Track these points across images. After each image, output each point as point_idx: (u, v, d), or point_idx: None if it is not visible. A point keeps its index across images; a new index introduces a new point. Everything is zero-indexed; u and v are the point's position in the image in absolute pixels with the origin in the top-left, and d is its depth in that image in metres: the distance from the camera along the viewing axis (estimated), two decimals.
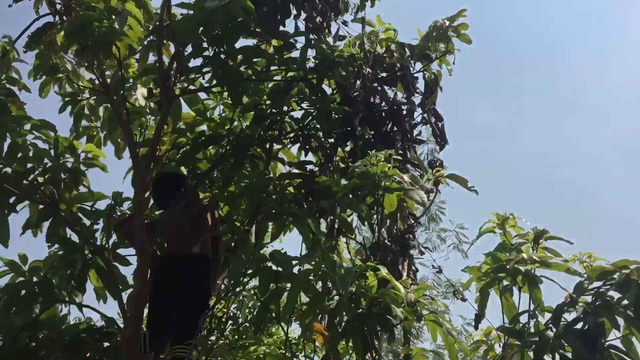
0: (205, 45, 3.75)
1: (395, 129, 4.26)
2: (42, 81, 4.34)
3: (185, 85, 4.13)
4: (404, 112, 4.33)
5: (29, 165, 3.93)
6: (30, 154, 3.90)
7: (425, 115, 4.39)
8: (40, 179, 3.87)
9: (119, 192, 4.15)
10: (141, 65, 4.19)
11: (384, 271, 2.95)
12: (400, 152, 4.07)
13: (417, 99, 4.43)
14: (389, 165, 3.25)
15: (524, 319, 3.26)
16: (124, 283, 4.03)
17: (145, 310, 3.73)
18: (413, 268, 3.84)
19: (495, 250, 3.50)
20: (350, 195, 3.36)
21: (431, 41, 4.37)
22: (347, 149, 4.41)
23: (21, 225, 4.04)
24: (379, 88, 4.41)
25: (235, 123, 4.35)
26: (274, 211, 3.41)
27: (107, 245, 4.04)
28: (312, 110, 4.20)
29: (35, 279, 3.91)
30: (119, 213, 4.11)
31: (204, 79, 4.07)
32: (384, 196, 3.30)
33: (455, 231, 10.20)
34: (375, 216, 3.52)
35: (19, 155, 3.82)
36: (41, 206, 4.01)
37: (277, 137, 4.30)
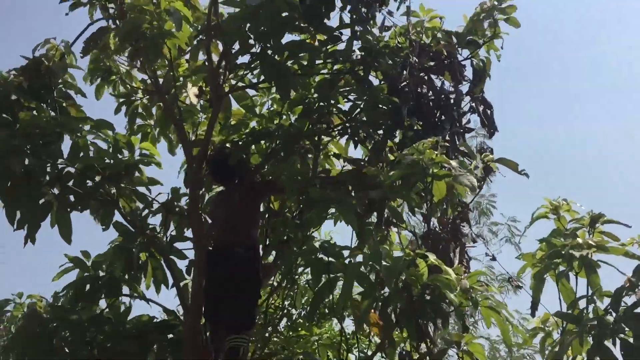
0: (252, 42, 3.87)
1: (443, 118, 4.26)
2: (97, 84, 4.55)
3: (234, 82, 4.27)
4: (452, 101, 4.32)
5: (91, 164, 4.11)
6: (91, 153, 4.09)
7: (474, 103, 4.37)
8: (98, 178, 4.04)
9: (177, 188, 4.29)
10: (191, 65, 4.34)
11: (432, 257, 2.99)
12: (448, 140, 4.06)
13: (465, 88, 4.41)
14: (436, 152, 3.29)
15: (582, 304, 3.25)
16: (181, 276, 4.17)
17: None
18: (466, 256, 3.84)
19: (549, 236, 3.49)
20: (399, 184, 3.42)
21: (477, 25, 4.35)
22: (396, 140, 4.42)
23: (81, 223, 4.28)
24: (426, 77, 4.40)
25: (284, 118, 4.45)
26: (318, 200, 3.49)
27: (165, 239, 4.20)
28: (360, 102, 4.27)
29: (100, 273, 4.11)
30: (177, 209, 4.25)
31: (252, 75, 4.20)
32: (432, 183, 3.34)
33: (507, 224, 10.05)
34: (425, 204, 3.56)
35: (81, 155, 4.02)
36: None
37: (325, 130, 4.37)
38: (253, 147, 4.40)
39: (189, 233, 4.20)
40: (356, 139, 4.25)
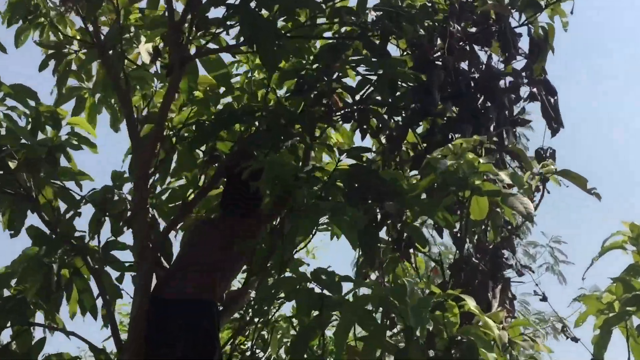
0: None
1: (488, 105, 4.19)
2: (17, 27, 4.44)
3: (203, 42, 4.16)
4: (502, 81, 4.25)
5: None
6: (2, 131, 3.98)
7: (531, 86, 4.27)
8: (13, 164, 3.95)
9: (120, 172, 4.22)
10: (147, 15, 4.25)
11: (471, 303, 2.90)
12: (495, 137, 4.01)
13: (519, 64, 4.34)
14: (480, 159, 3.19)
15: None
16: (115, 294, 4.09)
17: None
18: (509, 295, 3.80)
19: (626, 272, 3.40)
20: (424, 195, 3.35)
21: None
22: (420, 129, 4.41)
23: None
24: (467, 49, 4.33)
25: (271, 94, 4.40)
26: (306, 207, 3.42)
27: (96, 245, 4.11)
28: (373, 78, 4.17)
29: (5, 292, 4.00)
30: (116, 197, 4.17)
31: (228, 34, 4.09)
32: (471, 199, 3.25)
33: (548, 246, 9.99)
34: (458, 224, 3.48)
35: None
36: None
37: (325, 113, 4.29)
38: (225, 132, 4.34)
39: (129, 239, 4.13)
40: (365, 126, 4.15)
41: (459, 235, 3.51)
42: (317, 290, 3.29)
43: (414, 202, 3.32)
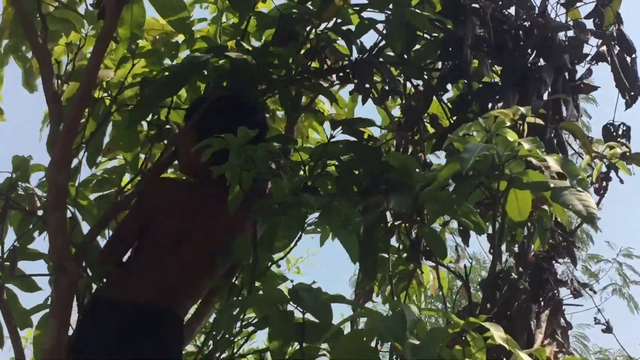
0: None
1: (543, 64, 4.26)
2: None
3: None
4: (561, 33, 4.29)
5: None
6: None
7: (600, 41, 4.33)
8: None
9: (24, 158, 4.30)
10: None
11: (496, 334, 2.92)
12: (545, 108, 4.03)
13: (584, 9, 4.39)
14: (521, 139, 3.21)
15: None
16: (25, 323, 4.16)
17: None
18: (561, 322, 3.89)
19: None
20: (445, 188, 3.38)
21: None
22: (447, 96, 4.50)
23: None
24: None
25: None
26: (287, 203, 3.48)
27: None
28: (381, 21, 4.23)
29: None
30: (21, 192, 4.24)
31: None
32: (507, 193, 3.29)
33: (616, 261, 10.04)
34: (490, 226, 3.52)
35: None
36: None
37: (316, 70, 4.37)
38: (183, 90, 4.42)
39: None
40: (367, 85, 4.17)
41: (492, 241, 3.54)
42: (299, 313, 3.33)
43: (430, 197, 3.33)
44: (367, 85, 4.20)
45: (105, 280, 4.09)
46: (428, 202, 3.41)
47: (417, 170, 3.54)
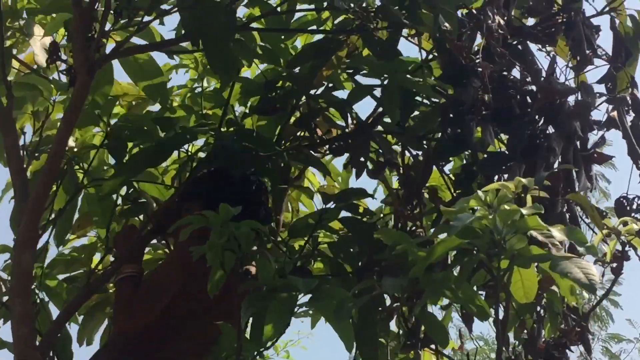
0: None
1: (551, 132, 4.25)
2: None
3: (127, 35, 4.20)
4: (573, 98, 4.30)
5: None
6: None
7: (613, 105, 4.33)
8: None
9: None
10: None
11: None
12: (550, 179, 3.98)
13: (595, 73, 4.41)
14: (523, 209, 3.18)
15: None
16: None
17: None
18: None
19: None
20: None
21: None
22: (449, 167, 4.54)
23: None
24: (519, 47, 4.40)
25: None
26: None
27: None
28: (378, 86, 4.24)
29: None
30: None
31: (163, 24, 4.19)
32: (510, 272, 3.23)
33: (638, 340, 10.04)
34: (493, 311, 3.46)
35: None
36: None
37: (306, 141, 4.40)
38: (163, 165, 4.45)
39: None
40: (363, 161, 4.17)
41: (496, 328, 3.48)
42: None
43: (428, 281, 3.27)
44: (362, 159, 4.21)
45: None
46: (426, 286, 3.38)
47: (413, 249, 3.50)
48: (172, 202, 4.32)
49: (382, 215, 4.64)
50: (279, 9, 4.28)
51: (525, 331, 3.82)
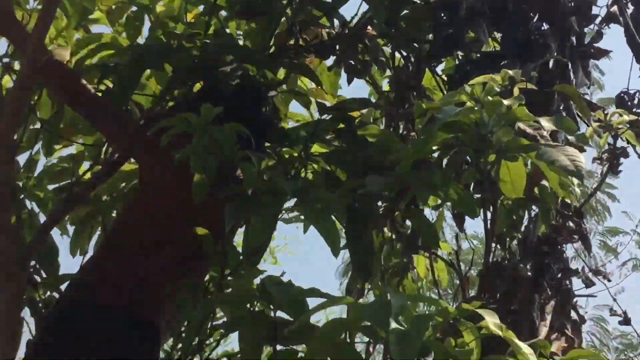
0: None
1: (546, 29, 4.23)
2: None
3: None
4: None
5: None
6: None
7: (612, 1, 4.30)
8: None
9: None
10: None
11: (490, 320, 2.87)
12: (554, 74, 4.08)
13: None
14: (506, 102, 3.14)
15: None
16: None
17: None
18: (572, 315, 3.85)
19: None
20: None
21: None
22: (441, 67, 4.52)
23: None
24: None
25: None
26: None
27: None
28: None
29: None
30: None
31: None
32: (498, 165, 3.23)
33: (636, 233, 10.05)
34: (482, 209, 3.46)
35: None
36: None
37: (293, 48, 4.35)
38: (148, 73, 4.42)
39: None
40: (352, 62, 4.20)
41: (486, 224, 3.46)
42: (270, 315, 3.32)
43: (415, 178, 3.28)
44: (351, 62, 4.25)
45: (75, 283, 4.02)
46: (412, 184, 3.36)
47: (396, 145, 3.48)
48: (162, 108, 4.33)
49: (371, 119, 4.58)
50: None
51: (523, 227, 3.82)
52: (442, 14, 4.14)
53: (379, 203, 3.79)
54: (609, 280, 4.11)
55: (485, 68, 4.02)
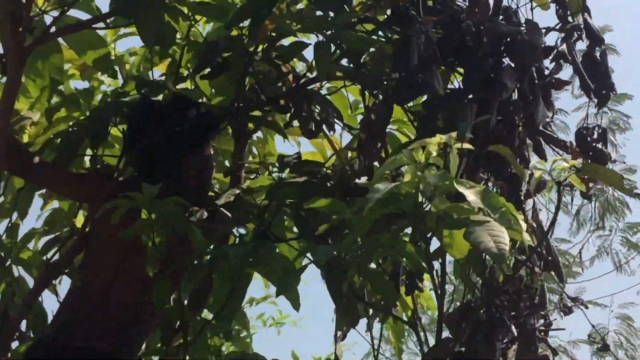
0: None
1: (505, 65, 4.20)
2: None
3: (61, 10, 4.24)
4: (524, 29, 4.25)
5: None
6: None
7: (565, 36, 4.29)
8: None
9: None
10: None
11: None
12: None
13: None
14: (431, 179, 3.19)
15: None
16: None
17: None
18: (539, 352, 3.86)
19: None
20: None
21: None
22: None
23: None
24: None
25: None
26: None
27: None
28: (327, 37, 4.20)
29: None
30: None
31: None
32: (440, 231, 3.27)
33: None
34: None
35: None
36: None
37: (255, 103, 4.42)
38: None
39: None
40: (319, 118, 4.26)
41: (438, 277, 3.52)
42: None
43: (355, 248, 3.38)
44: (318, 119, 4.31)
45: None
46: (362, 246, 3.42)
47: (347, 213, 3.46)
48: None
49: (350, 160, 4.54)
50: None
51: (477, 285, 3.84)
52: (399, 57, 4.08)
53: None
54: (587, 307, 4.15)
55: (452, 104, 4.10)
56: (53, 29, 4.17)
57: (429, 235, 3.30)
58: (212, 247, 3.71)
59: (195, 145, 4.09)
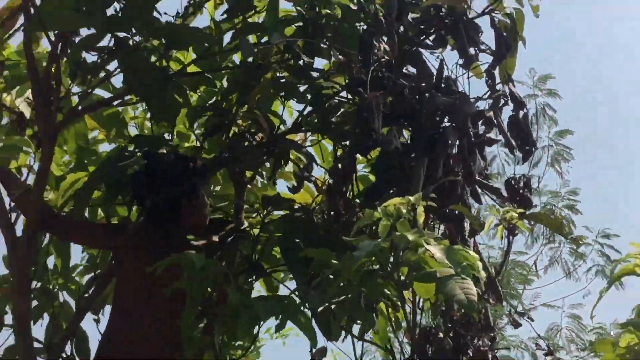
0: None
1: (447, 126, 4.61)
2: None
3: (78, 92, 4.67)
4: (459, 94, 4.64)
5: None
6: None
7: (493, 98, 4.71)
8: None
9: None
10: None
11: None
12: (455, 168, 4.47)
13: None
14: (410, 236, 3.49)
15: None
16: None
17: None
18: None
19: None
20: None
21: None
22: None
23: None
24: (414, 52, 4.80)
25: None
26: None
27: None
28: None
29: None
30: None
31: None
32: (411, 279, 3.62)
33: (597, 242, 10.76)
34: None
35: None
36: None
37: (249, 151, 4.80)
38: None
39: None
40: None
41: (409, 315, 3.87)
42: None
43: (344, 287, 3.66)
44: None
45: None
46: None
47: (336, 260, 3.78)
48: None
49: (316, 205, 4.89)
50: None
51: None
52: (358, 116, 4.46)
53: None
54: (532, 321, 4.55)
55: (403, 159, 4.61)
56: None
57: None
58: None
59: (192, 192, 4.48)
